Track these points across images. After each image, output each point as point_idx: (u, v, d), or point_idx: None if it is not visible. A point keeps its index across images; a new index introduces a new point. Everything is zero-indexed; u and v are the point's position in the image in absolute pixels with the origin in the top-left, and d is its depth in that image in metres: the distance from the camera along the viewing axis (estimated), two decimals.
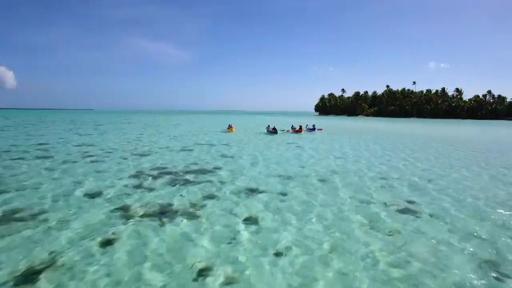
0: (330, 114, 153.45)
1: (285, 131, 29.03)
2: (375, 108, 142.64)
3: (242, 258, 4.56)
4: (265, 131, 27.99)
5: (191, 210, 6.67)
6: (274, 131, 26.13)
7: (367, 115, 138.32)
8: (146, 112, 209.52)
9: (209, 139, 22.59)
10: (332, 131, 34.25)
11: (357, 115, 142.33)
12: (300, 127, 28.86)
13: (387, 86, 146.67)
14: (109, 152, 15.17)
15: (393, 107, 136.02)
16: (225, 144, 19.17)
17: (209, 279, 4.01)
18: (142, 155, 14.55)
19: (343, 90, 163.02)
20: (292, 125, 31.68)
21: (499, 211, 6.85)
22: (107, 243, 5.01)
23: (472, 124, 70.72)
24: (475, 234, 5.59)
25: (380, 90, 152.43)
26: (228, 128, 29.32)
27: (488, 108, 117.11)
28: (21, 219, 6.02)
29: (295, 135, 26.23)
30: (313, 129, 31.41)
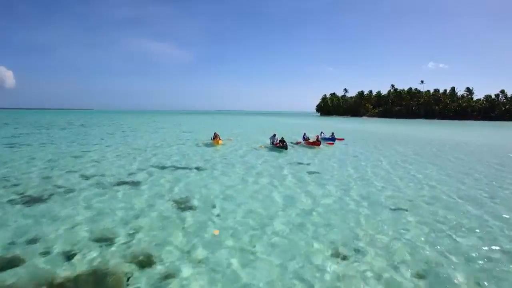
0: (332, 114, 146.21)
1: (296, 143, 21.42)
2: (380, 109, 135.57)
3: None
4: (269, 143, 20.01)
5: None
6: (282, 145, 18.09)
7: (372, 116, 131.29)
8: (143, 113, 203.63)
9: (179, 157, 15.43)
10: (349, 138, 26.91)
11: (361, 115, 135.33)
12: (317, 138, 20.92)
13: (392, 86, 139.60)
14: None
15: (399, 107, 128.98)
16: (198, 170, 12.25)
17: None
18: (32, 201, 7.76)
19: (345, 90, 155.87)
20: (305, 134, 22.92)
21: None
22: None
23: (502, 126, 63.70)
24: None
25: (380, 90, 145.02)
26: (214, 138, 21.60)
27: (502, 109, 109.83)
28: None
29: (308, 149, 18.70)
30: (333, 139, 23.07)
